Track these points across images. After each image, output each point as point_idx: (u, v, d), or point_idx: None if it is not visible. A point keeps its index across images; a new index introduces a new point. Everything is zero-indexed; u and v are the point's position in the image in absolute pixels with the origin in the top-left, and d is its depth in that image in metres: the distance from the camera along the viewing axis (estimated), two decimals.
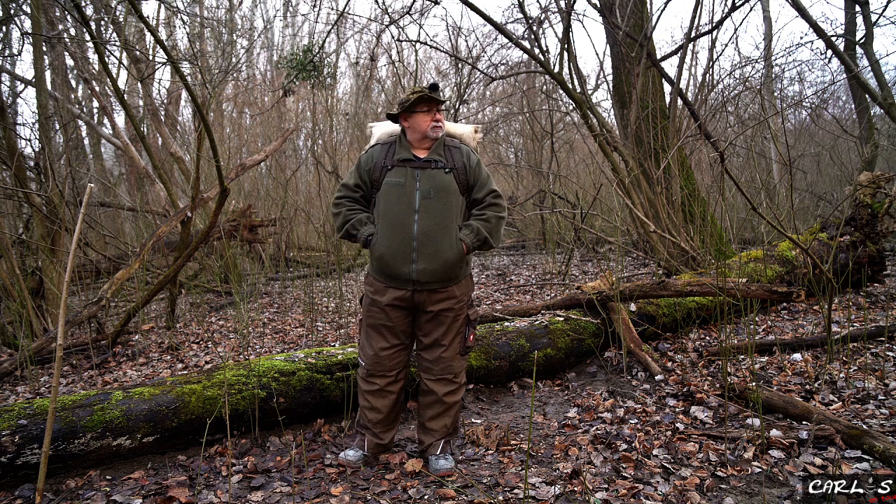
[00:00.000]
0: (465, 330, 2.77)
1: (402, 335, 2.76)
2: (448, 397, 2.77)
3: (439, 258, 2.61)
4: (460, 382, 2.82)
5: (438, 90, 2.65)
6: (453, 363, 2.76)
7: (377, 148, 2.80)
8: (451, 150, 2.74)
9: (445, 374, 2.75)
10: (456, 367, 2.77)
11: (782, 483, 2.43)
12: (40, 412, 2.64)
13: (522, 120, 13.60)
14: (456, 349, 2.76)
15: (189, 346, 5.12)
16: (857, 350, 3.86)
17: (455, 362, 2.77)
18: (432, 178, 2.65)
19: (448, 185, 2.65)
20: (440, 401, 2.76)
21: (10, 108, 7.52)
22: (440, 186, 2.64)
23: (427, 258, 2.60)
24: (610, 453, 2.77)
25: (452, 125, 2.89)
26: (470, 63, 8.43)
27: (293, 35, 16.39)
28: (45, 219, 5.27)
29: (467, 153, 2.75)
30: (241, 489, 2.60)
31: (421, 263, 2.61)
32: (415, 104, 2.63)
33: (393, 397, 2.80)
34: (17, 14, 6.37)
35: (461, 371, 2.81)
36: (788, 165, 4.52)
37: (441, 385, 2.76)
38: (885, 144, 11.30)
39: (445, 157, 2.70)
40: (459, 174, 2.69)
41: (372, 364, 2.76)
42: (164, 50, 4.27)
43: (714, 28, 6.86)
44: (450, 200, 2.64)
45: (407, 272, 2.62)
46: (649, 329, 4.33)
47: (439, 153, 2.71)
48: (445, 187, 2.65)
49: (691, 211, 6.52)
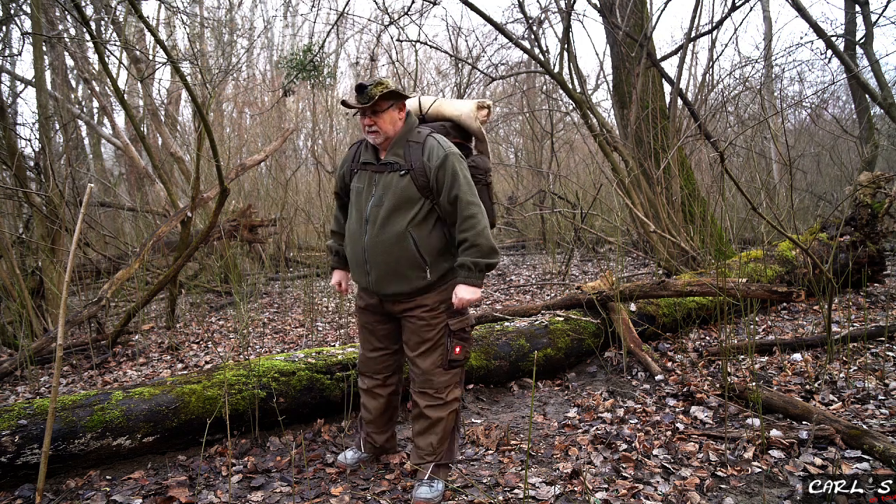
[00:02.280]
0: (445, 341, 2.45)
1: (385, 340, 2.62)
2: (429, 412, 2.48)
3: (391, 270, 2.38)
4: (444, 399, 2.47)
5: (364, 91, 2.30)
6: (432, 377, 2.46)
7: (353, 147, 2.59)
8: (412, 147, 2.38)
9: (425, 387, 2.48)
10: (436, 381, 2.46)
11: (782, 483, 2.43)
12: (40, 412, 2.64)
13: (522, 120, 13.60)
14: (434, 361, 2.45)
15: (189, 346, 5.12)
16: (857, 350, 3.86)
17: (435, 376, 2.46)
18: (388, 183, 2.37)
19: (402, 190, 2.33)
20: (423, 414, 2.50)
21: (10, 108, 7.52)
22: (393, 192, 2.35)
23: (379, 269, 2.40)
24: (610, 453, 2.77)
25: (449, 104, 2.57)
26: (470, 63, 8.43)
27: (293, 35, 16.39)
28: (45, 219, 5.27)
29: (431, 150, 2.34)
30: (241, 489, 2.60)
31: (374, 274, 2.42)
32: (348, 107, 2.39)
33: (383, 401, 2.70)
34: (17, 14, 6.37)
35: (445, 387, 2.47)
36: (788, 165, 4.52)
37: (421, 398, 2.50)
38: (885, 144, 11.30)
39: (404, 157, 2.37)
40: (418, 176, 2.33)
41: (361, 363, 2.73)
42: (164, 50, 4.28)
43: (714, 28, 6.86)
44: (402, 207, 2.34)
45: (366, 283, 2.49)
46: (649, 329, 4.33)
47: (398, 153, 2.39)
48: (399, 193, 2.34)
49: (691, 211, 6.52)
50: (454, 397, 2.50)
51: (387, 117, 2.36)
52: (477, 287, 2.37)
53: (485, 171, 2.56)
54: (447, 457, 2.53)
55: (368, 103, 2.30)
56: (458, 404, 2.53)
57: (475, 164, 2.53)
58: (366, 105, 2.31)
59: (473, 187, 2.36)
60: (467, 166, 2.41)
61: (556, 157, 10.85)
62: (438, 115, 2.60)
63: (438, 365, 2.45)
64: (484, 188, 2.53)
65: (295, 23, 15.91)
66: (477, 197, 2.36)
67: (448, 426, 2.51)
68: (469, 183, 2.35)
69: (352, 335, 5.16)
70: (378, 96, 2.30)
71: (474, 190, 2.36)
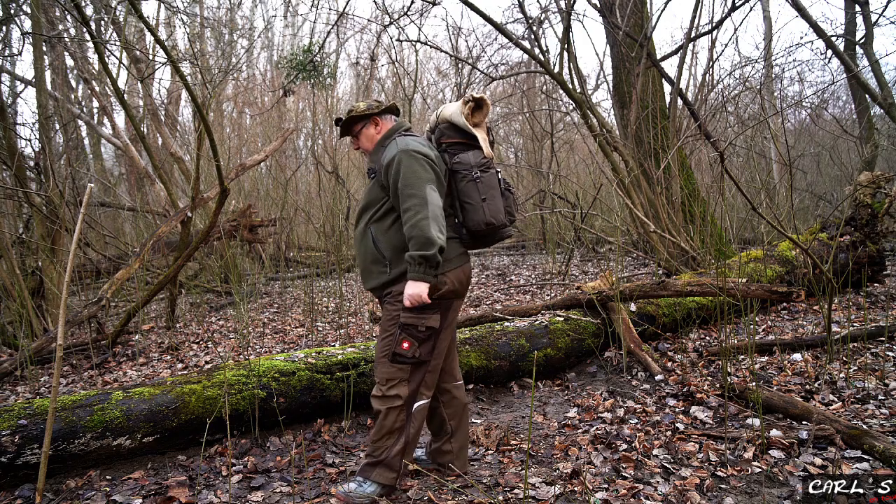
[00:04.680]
0: (395, 332, 2.39)
1: None
2: (373, 401, 2.47)
3: (361, 266, 2.55)
4: (385, 393, 2.41)
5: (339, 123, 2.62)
6: (378, 364, 2.46)
7: None
8: (380, 150, 2.53)
9: (376, 375, 2.48)
10: (379, 371, 2.44)
11: (782, 483, 2.43)
12: (40, 412, 2.64)
13: (522, 120, 13.60)
14: (381, 349, 2.46)
15: (189, 346, 5.11)
16: (857, 350, 3.86)
17: (380, 365, 2.45)
18: (367, 187, 2.58)
19: (370, 191, 2.51)
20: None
21: (10, 108, 7.52)
22: (366, 194, 2.54)
23: (359, 267, 2.61)
24: (610, 453, 2.77)
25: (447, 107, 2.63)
26: (470, 63, 8.43)
27: (293, 35, 16.39)
28: (45, 219, 5.27)
29: (388, 150, 2.44)
30: (241, 489, 2.60)
31: (359, 271, 2.62)
32: None
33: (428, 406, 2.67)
34: (17, 14, 6.37)
35: (387, 380, 2.41)
36: (788, 165, 4.52)
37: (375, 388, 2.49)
38: (885, 144, 11.31)
39: (375, 161, 2.53)
40: (379, 177, 2.46)
41: None
42: (164, 50, 4.28)
43: (714, 28, 6.86)
44: (369, 207, 2.49)
45: None
46: (649, 329, 4.33)
47: (374, 158, 2.55)
48: (368, 194, 2.52)
49: (691, 211, 6.52)
50: (396, 394, 2.40)
51: (363, 137, 2.59)
52: (419, 282, 2.29)
53: (471, 166, 2.49)
54: (385, 455, 2.42)
55: (345, 132, 2.62)
56: (400, 403, 2.40)
57: (460, 160, 2.50)
58: (344, 134, 2.63)
59: (421, 180, 2.31)
60: (428, 162, 2.38)
61: (556, 157, 10.85)
62: (443, 119, 2.64)
63: (384, 354, 2.43)
64: (472, 183, 2.47)
65: (295, 23, 15.91)
66: (420, 189, 2.29)
67: (386, 422, 2.41)
68: (416, 176, 2.31)
69: (352, 335, 5.17)
70: (348, 122, 2.59)
71: (420, 183, 2.30)
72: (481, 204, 2.46)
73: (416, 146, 2.40)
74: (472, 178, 2.48)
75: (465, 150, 2.53)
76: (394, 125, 2.60)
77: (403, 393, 2.41)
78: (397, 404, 2.41)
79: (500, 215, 2.50)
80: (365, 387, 3.33)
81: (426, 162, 2.37)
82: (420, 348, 2.38)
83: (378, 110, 2.57)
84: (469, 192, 2.47)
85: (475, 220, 2.47)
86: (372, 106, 2.57)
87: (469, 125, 2.51)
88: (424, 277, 2.28)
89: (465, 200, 2.48)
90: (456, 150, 2.52)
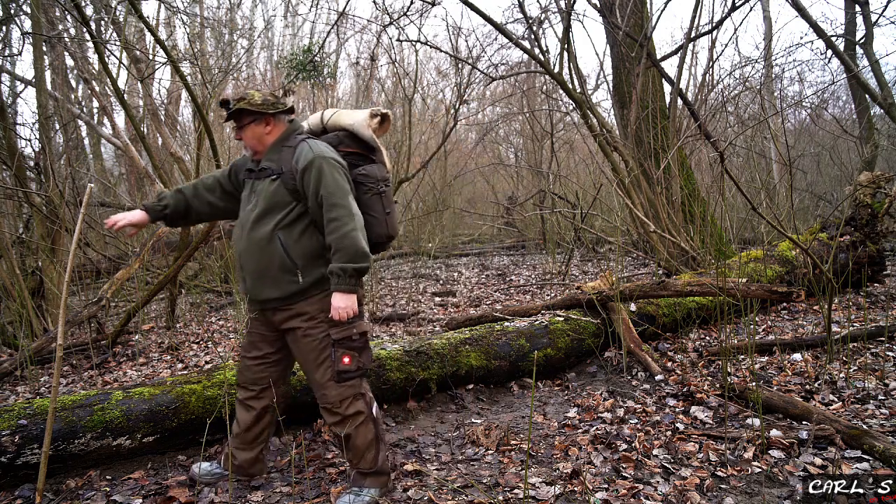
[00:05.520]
0: (330, 351, 2.34)
1: (265, 347, 2.52)
2: (335, 429, 2.41)
3: (262, 274, 2.35)
4: (342, 414, 2.37)
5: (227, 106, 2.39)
6: (325, 391, 2.37)
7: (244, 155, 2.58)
8: (285, 151, 2.39)
9: (322, 402, 2.41)
10: (330, 395, 2.36)
11: (782, 483, 2.43)
12: (40, 412, 2.64)
13: (522, 120, 13.61)
14: (322, 374, 2.36)
15: (189, 346, 5.12)
16: (857, 350, 3.86)
17: (328, 390, 2.36)
18: (262, 188, 2.37)
19: (272, 194, 2.33)
20: (331, 431, 2.45)
21: (10, 108, 7.52)
22: (264, 196, 2.35)
23: (251, 274, 2.38)
24: (610, 453, 2.77)
25: (346, 114, 2.53)
26: (470, 63, 8.42)
27: (293, 35, 16.40)
28: (45, 219, 5.27)
29: (300, 153, 2.33)
30: (241, 489, 2.60)
31: (249, 280, 2.40)
32: None
33: (254, 414, 2.55)
34: (17, 14, 6.37)
35: (340, 401, 2.36)
36: (788, 165, 4.52)
37: (325, 414, 2.43)
38: (885, 144, 11.31)
39: (276, 162, 2.37)
40: (287, 180, 2.32)
41: (237, 373, 2.62)
42: (164, 50, 4.28)
43: (714, 28, 6.86)
44: (272, 211, 2.33)
45: (244, 289, 2.46)
46: (649, 329, 4.33)
47: (272, 158, 2.39)
48: (269, 196, 2.33)
49: (691, 211, 6.52)
50: (355, 411, 2.38)
51: (248, 132, 2.40)
52: (350, 293, 2.27)
53: (377, 180, 2.48)
54: (372, 465, 2.43)
55: (229, 118, 2.40)
56: (363, 417, 2.39)
57: (366, 173, 2.47)
58: (228, 119, 2.40)
59: (344, 191, 2.29)
60: (345, 171, 2.36)
61: (556, 157, 10.86)
62: (336, 125, 2.56)
63: (329, 377, 2.35)
64: (377, 197, 2.47)
65: (295, 23, 15.92)
66: (346, 200, 2.28)
67: (359, 441, 2.40)
68: (339, 186, 2.28)
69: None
70: (236, 110, 2.37)
71: (344, 194, 2.29)
72: (385, 217, 2.49)
73: (333, 154, 2.36)
74: (377, 191, 2.48)
75: (368, 163, 2.51)
76: (289, 127, 2.47)
77: (362, 407, 2.40)
78: (361, 420, 2.39)
79: (397, 228, 2.57)
80: None
81: (344, 171, 2.35)
82: (361, 358, 2.38)
83: (273, 111, 2.41)
84: (373, 204, 2.46)
85: (378, 233, 2.47)
86: (268, 102, 2.39)
87: (375, 138, 2.50)
88: (354, 289, 2.27)
89: (368, 213, 2.44)
90: (354, 161, 2.48)
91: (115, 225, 2.54)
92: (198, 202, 2.63)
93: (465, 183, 14.58)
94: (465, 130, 16.61)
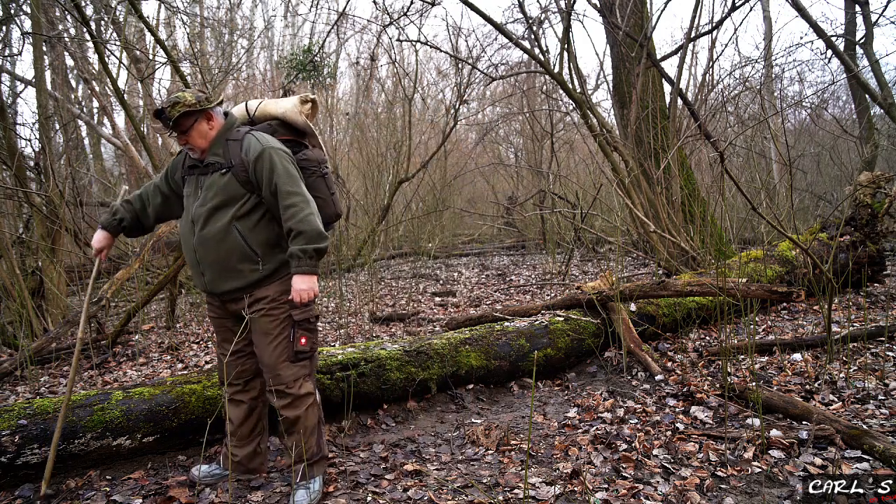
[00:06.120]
0: (289, 332, 2.41)
1: (240, 342, 2.53)
2: (285, 412, 2.43)
3: (222, 266, 2.38)
4: (295, 393, 2.42)
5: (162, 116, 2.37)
6: (280, 371, 2.41)
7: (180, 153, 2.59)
8: (231, 145, 2.40)
9: (275, 384, 2.42)
10: (284, 375, 2.41)
11: (782, 483, 2.43)
12: (40, 412, 2.64)
13: (522, 120, 13.61)
14: (279, 354, 2.40)
15: (189, 346, 5.11)
16: (857, 350, 3.86)
17: (282, 370, 2.41)
18: (211, 183, 2.38)
19: (224, 187, 2.36)
20: (281, 415, 2.45)
21: (10, 108, 7.52)
22: (216, 191, 2.36)
23: (211, 268, 2.41)
24: (610, 453, 2.77)
25: (273, 103, 2.59)
26: (470, 63, 8.43)
27: (293, 35, 16.40)
28: (45, 219, 5.27)
29: (248, 145, 2.37)
30: (241, 489, 2.60)
31: (208, 274, 2.43)
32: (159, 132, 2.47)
33: (245, 408, 2.59)
34: (17, 14, 6.37)
35: (294, 381, 2.43)
36: (788, 165, 4.52)
37: (274, 398, 2.44)
38: (885, 144, 11.31)
39: (223, 156, 2.40)
40: (239, 172, 2.36)
41: (219, 371, 2.64)
42: (164, 50, 4.28)
43: (714, 28, 6.86)
44: (226, 204, 2.36)
45: (202, 284, 2.48)
46: (649, 329, 4.33)
47: (217, 153, 2.41)
48: (221, 190, 2.36)
49: (691, 211, 6.52)
50: (306, 391, 2.46)
51: (195, 133, 2.39)
52: (311, 275, 2.33)
53: (318, 163, 2.58)
54: (316, 451, 2.52)
55: (171, 127, 2.38)
56: (313, 398, 2.49)
57: (307, 157, 2.55)
58: (170, 129, 2.39)
59: (295, 178, 2.37)
60: (292, 160, 2.43)
61: (556, 157, 10.86)
62: (265, 115, 2.61)
63: (284, 358, 2.42)
64: (321, 179, 2.58)
65: (295, 23, 15.92)
66: (300, 187, 2.36)
67: (308, 423, 2.47)
68: (290, 174, 2.35)
69: (352, 335, 5.17)
70: (178, 117, 2.35)
71: (296, 181, 2.36)
72: (330, 198, 2.60)
73: (278, 144, 2.43)
74: (320, 173, 2.59)
75: (305, 148, 2.59)
76: (228, 120, 2.49)
77: (311, 388, 2.50)
78: (310, 402, 2.48)
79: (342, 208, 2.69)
80: (365, 387, 3.33)
81: (291, 159, 2.43)
82: (313, 339, 2.48)
83: (211, 105, 2.42)
84: (318, 186, 2.56)
85: (326, 213, 2.56)
86: (201, 98, 2.39)
87: (309, 124, 2.58)
88: (314, 270, 2.34)
89: (315, 195, 2.50)
90: (291, 147, 2.53)
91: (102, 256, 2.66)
92: (147, 211, 2.68)
93: (465, 183, 14.59)
94: (465, 130, 16.62)
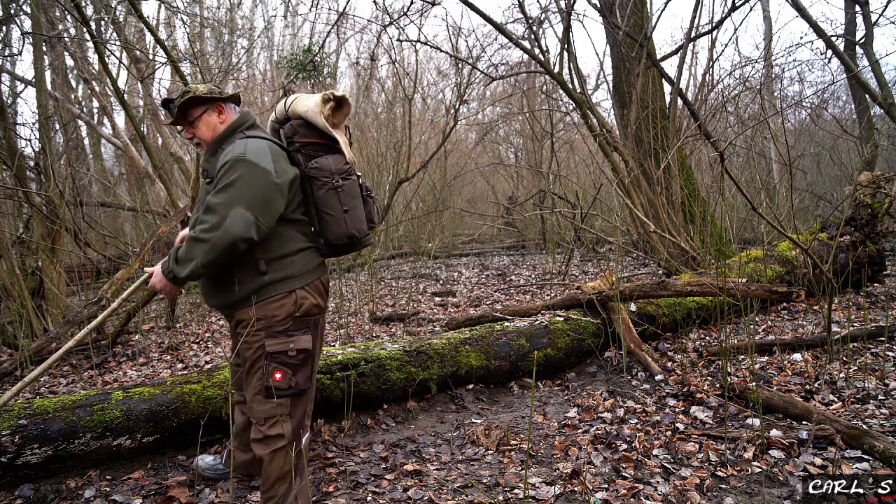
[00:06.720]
0: (261, 365, 2.13)
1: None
2: (255, 446, 2.19)
3: (205, 282, 2.23)
4: (264, 433, 2.14)
5: (169, 106, 2.23)
6: (253, 404, 2.17)
7: None
8: (220, 152, 2.18)
9: (250, 415, 2.22)
10: (256, 410, 2.16)
11: (782, 483, 2.43)
12: (40, 412, 2.64)
13: (522, 120, 13.61)
14: (253, 386, 2.16)
15: (189, 346, 5.12)
16: (857, 350, 3.86)
17: (255, 403, 2.16)
18: (204, 192, 2.20)
19: (204, 197, 2.15)
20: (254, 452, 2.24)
21: (10, 108, 7.52)
22: (201, 201, 2.17)
23: (200, 281, 2.26)
24: (610, 453, 2.77)
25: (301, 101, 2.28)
26: (470, 63, 8.42)
27: (293, 35, 16.41)
28: (45, 219, 5.27)
29: (228, 152, 2.10)
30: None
31: (200, 286, 2.29)
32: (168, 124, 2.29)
33: (246, 417, 2.47)
34: (17, 14, 6.37)
35: (265, 419, 2.15)
36: (788, 165, 4.52)
37: (252, 430, 2.23)
38: (885, 144, 11.31)
39: (212, 163, 2.21)
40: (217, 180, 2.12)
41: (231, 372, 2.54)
42: (164, 50, 4.28)
43: (714, 28, 6.86)
44: None
45: None
46: (649, 329, 4.33)
47: (209, 160, 2.24)
48: (203, 200, 2.15)
49: (691, 211, 6.52)
50: (277, 433, 2.13)
51: (202, 124, 2.23)
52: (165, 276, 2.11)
53: (331, 174, 2.20)
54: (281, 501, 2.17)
55: (179, 117, 2.22)
56: (282, 443, 2.14)
57: (318, 167, 2.20)
58: (177, 119, 2.23)
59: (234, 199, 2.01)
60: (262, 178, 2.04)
61: (556, 157, 10.86)
62: (294, 113, 2.30)
63: (257, 391, 2.15)
64: (332, 192, 2.20)
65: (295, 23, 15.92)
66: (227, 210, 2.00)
67: (274, 469, 2.15)
68: (237, 188, 2.01)
69: (352, 335, 5.17)
70: (185, 105, 2.20)
71: (234, 195, 2.01)
72: (343, 215, 2.21)
73: (256, 155, 2.07)
74: (332, 186, 2.20)
75: (324, 154, 2.24)
76: (238, 118, 2.27)
77: (286, 431, 2.16)
78: (281, 445, 2.15)
79: (363, 226, 2.28)
80: (365, 387, 3.33)
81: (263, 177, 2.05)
82: (295, 376, 2.15)
83: (223, 96, 2.25)
84: (329, 201, 2.20)
85: (336, 234, 2.22)
86: (214, 91, 2.23)
87: (329, 126, 2.22)
88: (170, 275, 2.11)
89: (324, 210, 2.20)
90: (311, 152, 2.23)
91: None
92: None
93: (465, 183, 14.59)
94: (465, 130, 16.62)
